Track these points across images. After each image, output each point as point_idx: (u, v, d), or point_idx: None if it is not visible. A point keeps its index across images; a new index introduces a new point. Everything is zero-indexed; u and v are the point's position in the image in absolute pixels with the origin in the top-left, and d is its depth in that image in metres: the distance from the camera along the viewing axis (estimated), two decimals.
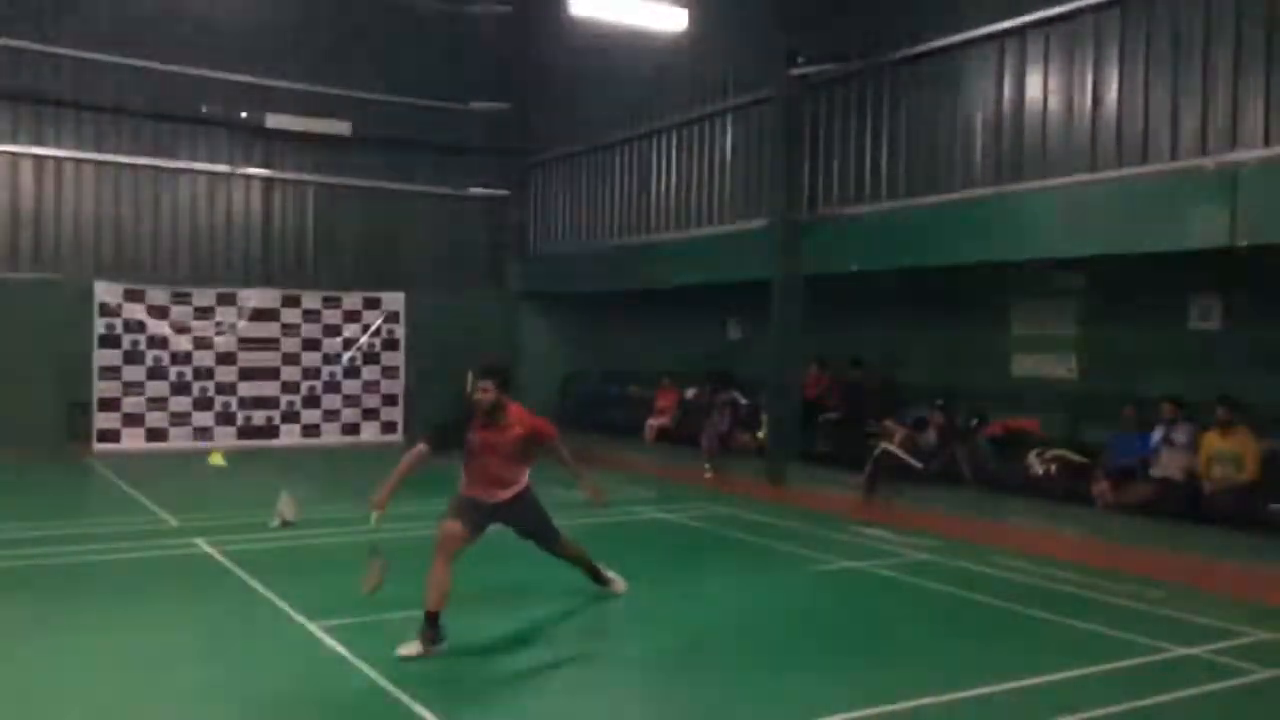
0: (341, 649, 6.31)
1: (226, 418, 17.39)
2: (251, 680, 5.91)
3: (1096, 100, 10.86)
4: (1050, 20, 11.28)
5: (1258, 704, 5.86)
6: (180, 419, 17.07)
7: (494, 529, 6.94)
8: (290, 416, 17.89)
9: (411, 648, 6.21)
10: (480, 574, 7.73)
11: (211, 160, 17.91)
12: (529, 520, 7.00)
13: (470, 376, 6.76)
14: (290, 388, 17.90)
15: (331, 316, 18.24)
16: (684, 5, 13.49)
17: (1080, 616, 7.32)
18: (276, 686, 5.82)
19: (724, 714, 5.55)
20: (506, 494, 6.81)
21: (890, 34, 13.03)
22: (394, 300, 18.67)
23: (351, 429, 18.30)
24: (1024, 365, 12.70)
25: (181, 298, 17.18)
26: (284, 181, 18.55)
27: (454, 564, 6.53)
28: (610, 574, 7.68)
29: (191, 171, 17.78)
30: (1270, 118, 9.47)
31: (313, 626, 6.76)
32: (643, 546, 10.11)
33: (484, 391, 6.58)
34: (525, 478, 6.90)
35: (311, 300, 18.12)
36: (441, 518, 6.70)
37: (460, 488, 6.81)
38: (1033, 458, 11.45)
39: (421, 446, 6.73)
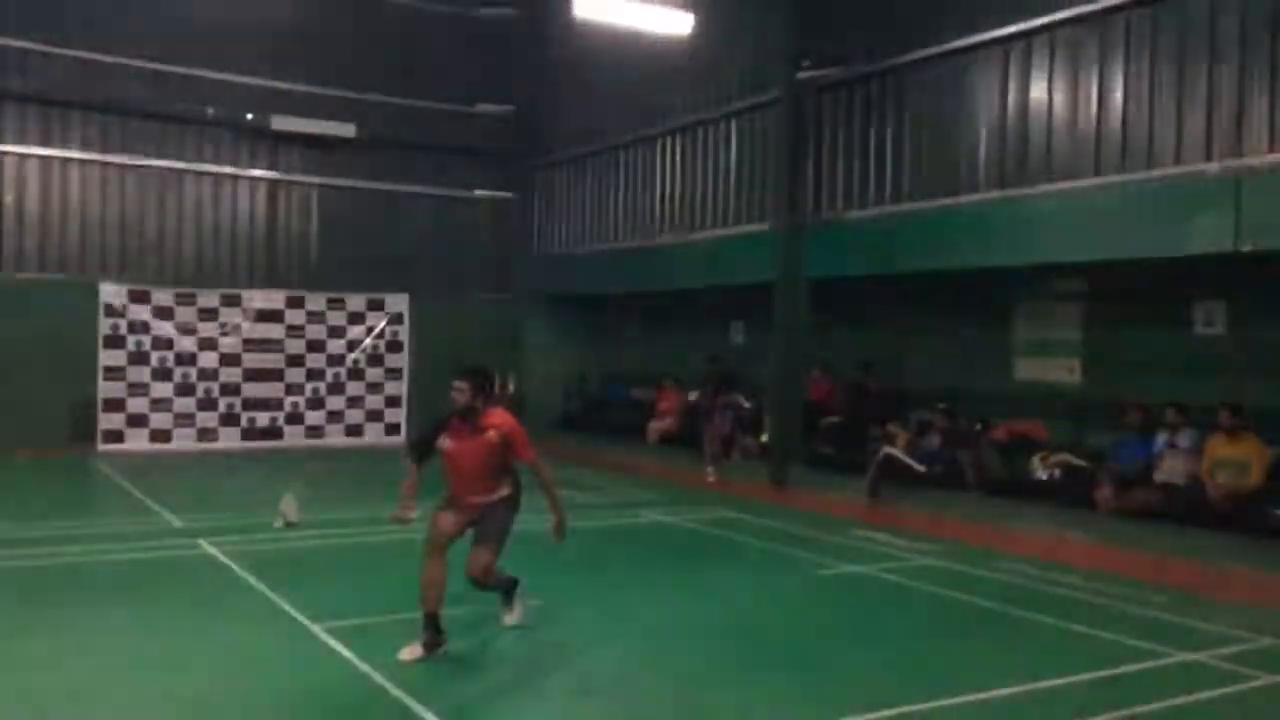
0: (344, 650, 6.31)
1: (230, 419, 17.40)
2: (253, 681, 5.91)
3: (1101, 105, 10.86)
4: (1056, 25, 11.29)
5: (1263, 710, 5.85)
6: (184, 420, 17.09)
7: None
8: (294, 418, 17.90)
9: (413, 651, 6.20)
10: None
11: (217, 162, 17.96)
12: (487, 523, 6.54)
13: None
14: (294, 389, 17.91)
15: (336, 318, 18.25)
16: (689, 8, 13.51)
17: (1083, 621, 7.31)
18: (278, 688, 5.82)
19: (727, 717, 5.55)
20: (489, 498, 6.54)
21: (896, 38, 13.05)
22: (398, 302, 18.68)
23: (355, 431, 18.32)
24: (1028, 369, 12.69)
25: (186, 299, 17.21)
26: (289, 183, 18.59)
27: (446, 559, 6.42)
28: (516, 608, 6.99)
29: (197, 173, 17.83)
30: (1275, 123, 9.48)
31: (315, 628, 6.76)
32: (645, 549, 10.11)
33: (459, 392, 6.42)
34: (507, 486, 6.59)
35: (316, 302, 18.14)
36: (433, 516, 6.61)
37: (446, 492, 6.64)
38: (1036, 462, 11.46)
39: (409, 466, 6.60)
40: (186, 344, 17.14)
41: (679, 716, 5.61)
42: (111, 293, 16.68)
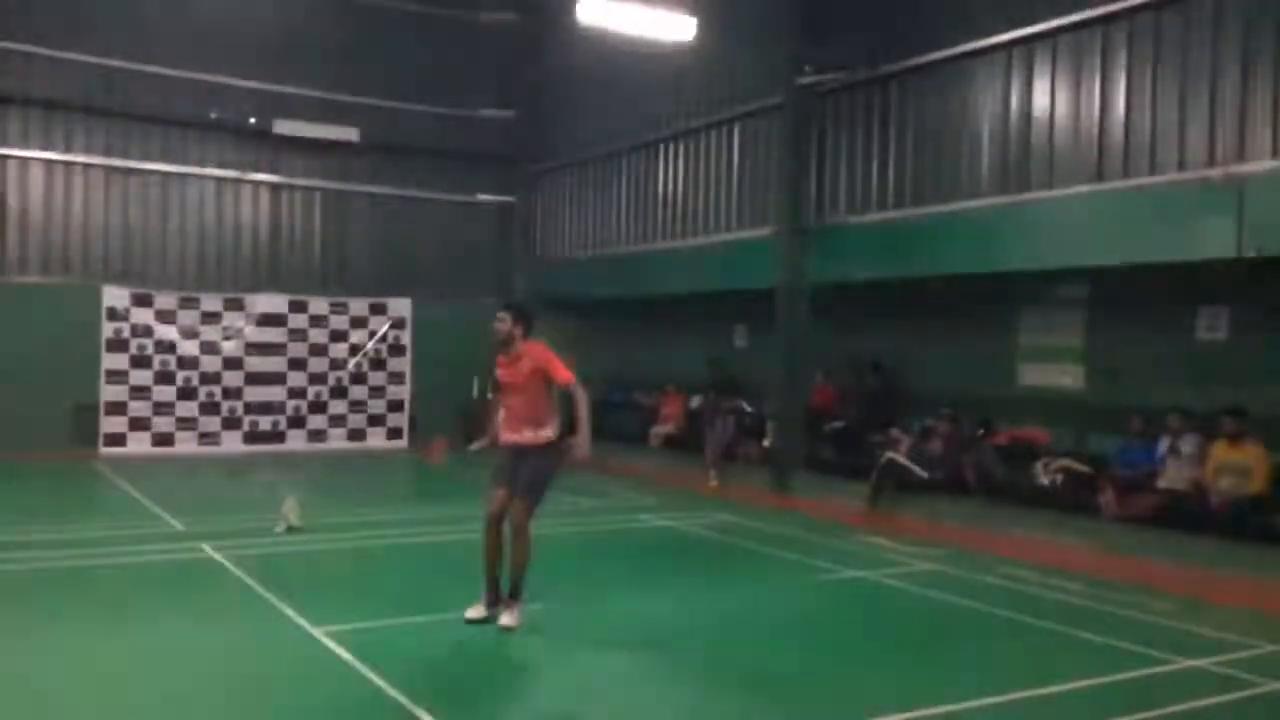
0: (345, 653, 6.30)
1: (233, 422, 17.42)
2: (255, 685, 5.92)
3: (1103, 110, 10.85)
4: (1058, 31, 11.29)
5: (1264, 717, 5.83)
6: (187, 423, 17.10)
7: None
8: (297, 422, 17.91)
9: (476, 611, 6.80)
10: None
11: (220, 166, 17.98)
12: (524, 471, 6.90)
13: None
14: (297, 393, 17.93)
15: (339, 322, 18.28)
16: (692, 14, 13.52)
17: (1085, 627, 7.30)
18: (279, 691, 5.83)
19: None
20: (530, 438, 6.95)
21: (897, 43, 13.05)
22: (401, 306, 18.71)
23: (358, 435, 18.33)
24: (1031, 375, 12.66)
25: (189, 302, 17.24)
26: (292, 187, 18.60)
27: (501, 530, 6.93)
28: (516, 609, 6.96)
29: (200, 177, 17.85)
30: (1278, 128, 9.46)
31: (316, 631, 6.76)
32: (646, 554, 10.10)
33: (500, 322, 7.04)
34: (550, 428, 7.02)
35: (319, 306, 18.17)
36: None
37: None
38: (1039, 467, 11.42)
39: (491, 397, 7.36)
40: (189, 348, 17.17)
41: (679, 719, 5.61)
42: (114, 296, 16.71)
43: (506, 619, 6.94)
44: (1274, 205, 9.18)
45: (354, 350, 18.37)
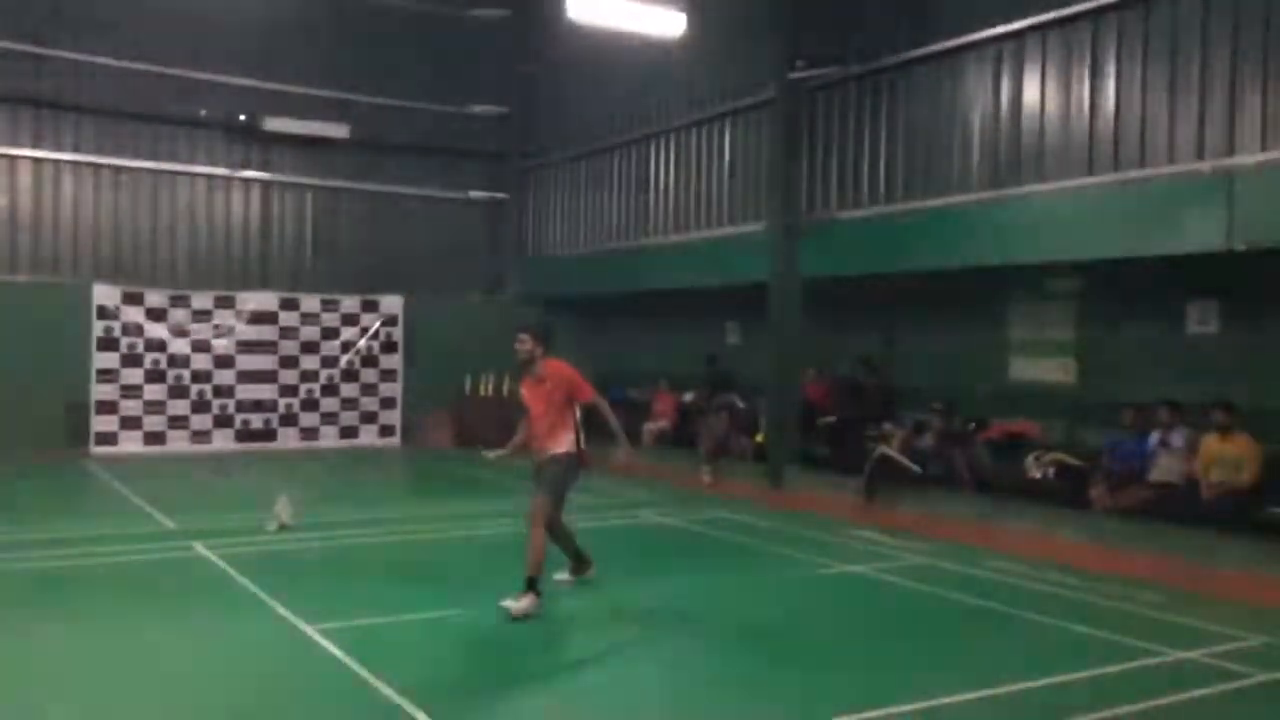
0: (338, 652, 6.30)
1: (224, 421, 17.36)
2: (247, 684, 5.90)
3: (1094, 104, 10.88)
4: (1048, 25, 11.31)
5: (1256, 708, 5.86)
6: (178, 422, 17.04)
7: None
8: (288, 420, 17.85)
9: (517, 605, 6.92)
10: (485, 579, 7.73)
11: (210, 163, 17.92)
12: (542, 475, 7.40)
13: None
14: (288, 391, 17.88)
15: (330, 320, 18.22)
16: (682, 9, 13.51)
17: (1078, 620, 7.32)
18: (273, 690, 5.82)
19: (724, 716, 5.55)
20: (552, 449, 7.35)
21: (888, 38, 13.06)
22: (392, 303, 18.66)
23: (350, 432, 18.29)
24: (1022, 369, 12.70)
25: (180, 301, 17.17)
26: (282, 185, 18.55)
27: (542, 528, 7.29)
28: (525, 599, 7.05)
29: (190, 175, 17.79)
30: (1267, 121, 9.49)
31: (309, 630, 6.75)
32: (641, 550, 10.11)
33: (521, 343, 7.37)
34: (567, 440, 7.37)
35: (310, 303, 18.10)
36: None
37: None
38: (1030, 461, 11.45)
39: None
40: (180, 346, 17.10)
41: (676, 716, 5.61)
42: (104, 295, 16.63)
43: (509, 602, 7.04)
44: (1263, 198, 9.21)
45: (345, 347, 18.33)
